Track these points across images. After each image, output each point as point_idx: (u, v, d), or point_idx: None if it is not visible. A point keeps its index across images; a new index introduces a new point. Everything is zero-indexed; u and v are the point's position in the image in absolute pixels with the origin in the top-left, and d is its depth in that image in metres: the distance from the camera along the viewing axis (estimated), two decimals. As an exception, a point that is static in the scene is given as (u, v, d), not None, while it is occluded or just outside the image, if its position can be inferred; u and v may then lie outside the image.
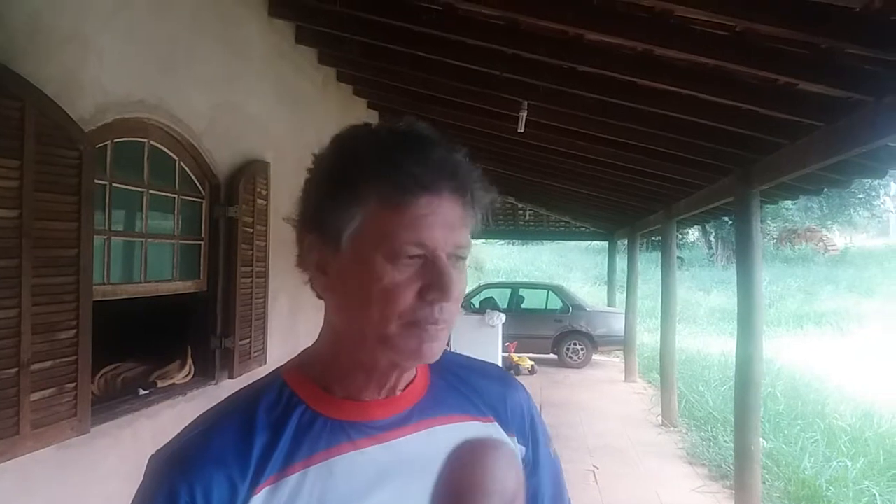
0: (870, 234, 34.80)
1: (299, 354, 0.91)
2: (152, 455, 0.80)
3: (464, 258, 0.82)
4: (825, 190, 5.76)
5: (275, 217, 4.43)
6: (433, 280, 0.77)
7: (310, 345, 0.92)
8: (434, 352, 0.80)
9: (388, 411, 0.85)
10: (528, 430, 0.97)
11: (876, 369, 11.87)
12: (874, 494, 4.94)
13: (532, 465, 0.96)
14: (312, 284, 0.85)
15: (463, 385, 0.95)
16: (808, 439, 6.48)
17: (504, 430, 0.93)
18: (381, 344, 0.79)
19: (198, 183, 3.83)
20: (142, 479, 0.78)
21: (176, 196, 3.66)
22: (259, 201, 4.25)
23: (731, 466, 5.45)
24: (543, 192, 11.14)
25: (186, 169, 3.72)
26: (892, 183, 30.75)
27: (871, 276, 24.17)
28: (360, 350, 0.81)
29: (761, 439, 5.29)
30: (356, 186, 0.78)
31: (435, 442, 0.86)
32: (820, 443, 6.40)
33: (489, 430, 0.92)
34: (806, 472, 5.53)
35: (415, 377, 0.90)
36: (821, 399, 8.57)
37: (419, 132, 0.81)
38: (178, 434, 0.82)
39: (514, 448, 0.94)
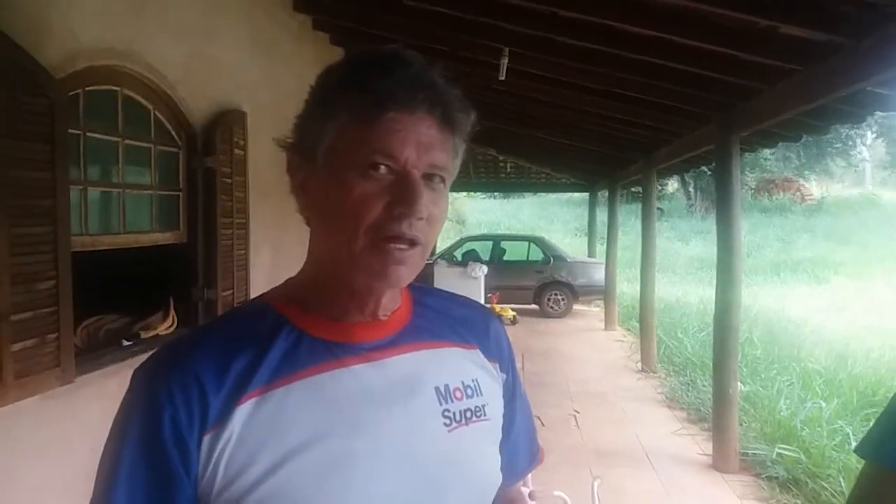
0: (846, 183, 35.12)
1: (284, 282, 0.91)
2: (135, 369, 0.80)
3: (442, 179, 0.81)
4: (804, 137, 5.78)
5: (253, 168, 4.38)
6: (401, 193, 0.77)
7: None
8: (401, 275, 0.79)
9: (374, 334, 0.86)
10: (507, 359, 1.00)
11: (850, 314, 12.15)
12: (847, 433, 5.08)
13: (511, 393, 0.99)
14: (300, 210, 0.86)
15: (446, 315, 0.96)
16: (783, 382, 6.62)
17: (487, 357, 0.96)
18: (351, 262, 0.79)
19: (174, 133, 3.77)
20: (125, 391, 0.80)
21: (152, 146, 3.61)
22: (237, 151, 4.20)
23: (710, 409, 5.58)
24: (524, 143, 11.10)
25: (161, 118, 3.65)
26: (868, 132, 31.01)
27: (847, 224, 24.51)
28: (338, 269, 0.82)
29: (739, 383, 5.41)
30: (331, 103, 0.79)
31: (421, 364, 0.87)
32: (795, 385, 6.55)
33: (472, 356, 0.94)
34: (781, 414, 5.67)
35: (400, 305, 0.90)
36: (796, 343, 8.75)
37: (398, 52, 0.80)
38: (161, 346, 0.83)
39: (497, 375, 0.96)
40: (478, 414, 0.89)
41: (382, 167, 0.77)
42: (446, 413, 0.86)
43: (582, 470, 4.82)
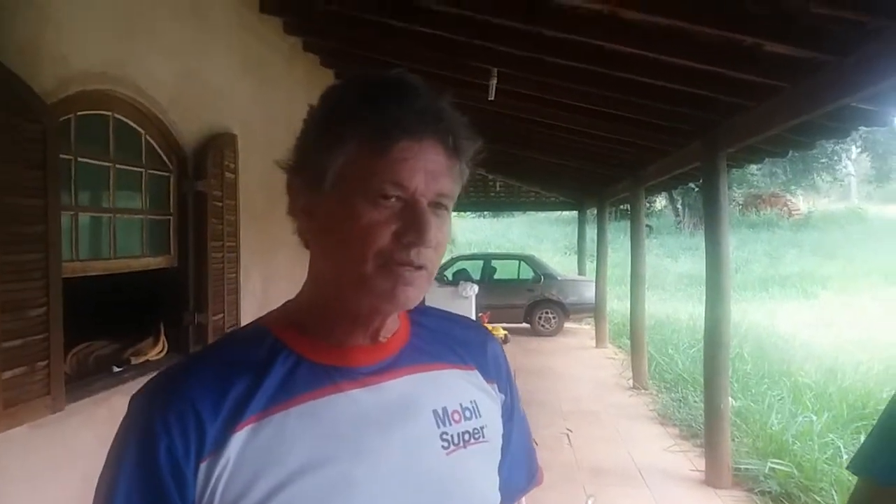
0: (832, 198, 35.48)
1: (282, 305, 0.91)
2: (132, 395, 0.80)
3: (447, 207, 0.82)
4: (790, 152, 5.84)
5: (243, 191, 4.38)
6: (410, 222, 0.77)
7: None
8: (409, 296, 0.79)
9: (373, 358, 0.86)
10: (505, 379, 1.00)
11: (838, 328, 12.21)
12: (838, 447, 5.10)
13: (510, 413, 0.99)
14: (299, 232, 0.85)
15: (444, 335, 0.96)
16: (774, 397, 6.65)
17: (485, 378, 0.95)
18: (359, 285, 0.79)
19: (164, 156, 3.77)
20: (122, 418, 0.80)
21: (143, 170, 3.60)
22: (228, 175, 4.20)
23: (701, 425, 5.58)
24: (513, 162, 11.15)
25: (152, 142, 3.65)
26: (853, 147, 31.37)
27: (834, 239, 24.72)
28: (342, 293, 0.82)
29: (730, 398, 5.43)
30: (339, 129, 0.79)
31: (418, 387, 0.87)
32: (786, 399, 6.57)
33: (470, 378, 0.94)
34: (773, 428, 5.68)
35: (398, 327, 0.90)
36: (786, 358, 8.78)
37: (405, 79, 0.81)
38: (158, 373, 0.82)
39: (495, 395, 0.96)
40: (476, 436, 0.89)
41: (392, 197, 0.77)
42: (444, 436, 0.86)
43: (576, 488, 4.81)
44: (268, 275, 4.88)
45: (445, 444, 0.85)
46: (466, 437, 0.87)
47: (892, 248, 21.94)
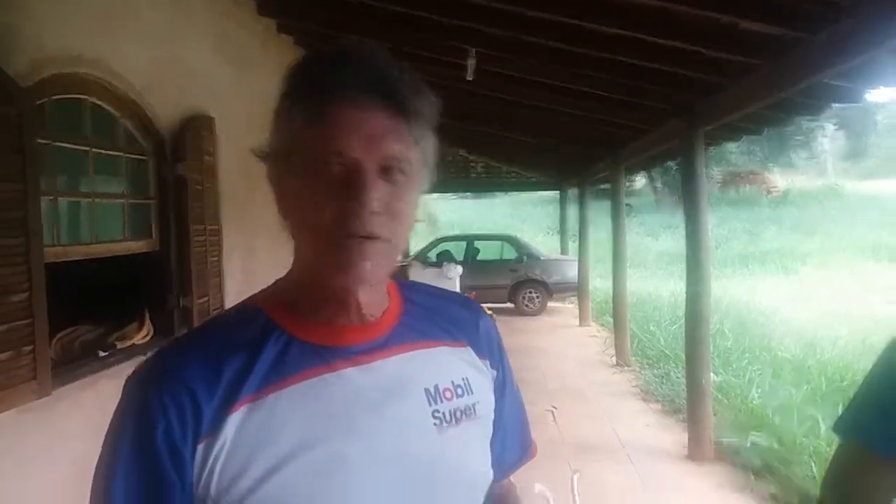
0: (809, 175, 35.83)
1: (273, 283, 0.91)
2: (127, 377, 0.81)
3: (405, 172, 0.80)
4: (767, 129, 5.91)
5: (223, 173, 4.37)
6: (350, 188, 0.76)
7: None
8: (366, 270, 0.77)
9: (364, 337, 0.85)
10: (497, 354, 1.01)
11: (817, 303, 12.41)
12: (817, 419, 5.20)
13: (501, 388, 1.00)
14: (280, 215, 0.85)
15: (436, 312, 0.96)
16: (755, 371, 6.75)
17: (477, 355, 0.96)
18: (318, 260, 0.79)
19: (142, 140, 3.75)
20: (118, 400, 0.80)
21: (122, 155, 3.58)
22: (206, 157, 4.18)
23: (684, 401, 5.66)
24: (494, 142, 11.17)
25: (129, 126, 3.63)
26: (828, 124, 31.71)
27: (812, 215, 25.01)
28: (313, 271, 0.82)
29: (711, 373, 5.51)
30: (287, 108, 0.80)
31: (410, 365, 0.87)
32: (766, 374, 6.68)
33: (462, 355, 0.94)
34: (754, 402, 5.79)
35: (389, 305, 0.90)
36: (766, 333, 8.92)
37: (348, 47, 0.80)
38: (152, 354, 0.83)
39: (487, 372, 0.97)
40: (468, 413, 0.89)
41: (335, 165, 0.77)
42: (436, 414, 0.86)
43: (561, 465, 4.88)
44: (248, 256, 4.88)
45: (437, 422, 0.85)
46: (458, 414, 0.88)
47: (868, 224, 22.26)
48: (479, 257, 13.29)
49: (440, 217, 27.32)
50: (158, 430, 0.74)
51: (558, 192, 15.97)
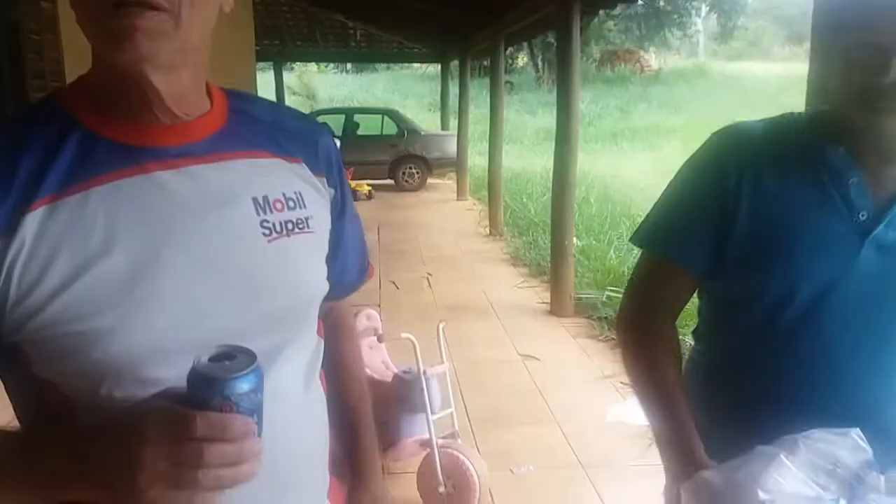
0: (682, 55, 37.07)
1: (77, 78, 0.82)
2: None
3: None
4: None
5: (67, 25, 3.99)
6: None
7: None
8: (137, 42, 0.70)
9: (179, 138, 0.79)
10: (336, 174, 0.96)
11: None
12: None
13: (340, 207, 0.97)
14: (78, 21, 0.76)
15: (270, 124, 0.91)
16: (615, 235, 7.27)
17: (313, 171, 0.91)
18: (96, 39, 0.74)
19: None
20: None
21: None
22: (44, 3, 3.78)
23: (549, 264, 6.05)
24: (373, 7, 10.77)
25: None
26: (703, 5, 32.62)
27: (680, 93, 26.07)
28: (102, 57, 0.75)
29: (574, 238, 5.88)
30: None
31: (236, 174, 0.83)
32: (624, 237, 7.18)
33: (296, 169, 0.89)
34: (611, 262, 6.26)
35: (212, 109, 0.84)
36: (627, 202, 9.52)
37: None
38: None
39: (324, 190, 0.93)
40: (300, 226, 0.86)
41: None
42: (265, 223, 0.83)
43: (432, 322, 5.12)
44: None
45: (267, 232, 0.82)
46: (290, 226, 0.85)
47: (730, 103, 23.51)
48: (359, 132, 13.10)
49: (319, 91, 26.44)
50: None
51: (440, 65, 15.76)
